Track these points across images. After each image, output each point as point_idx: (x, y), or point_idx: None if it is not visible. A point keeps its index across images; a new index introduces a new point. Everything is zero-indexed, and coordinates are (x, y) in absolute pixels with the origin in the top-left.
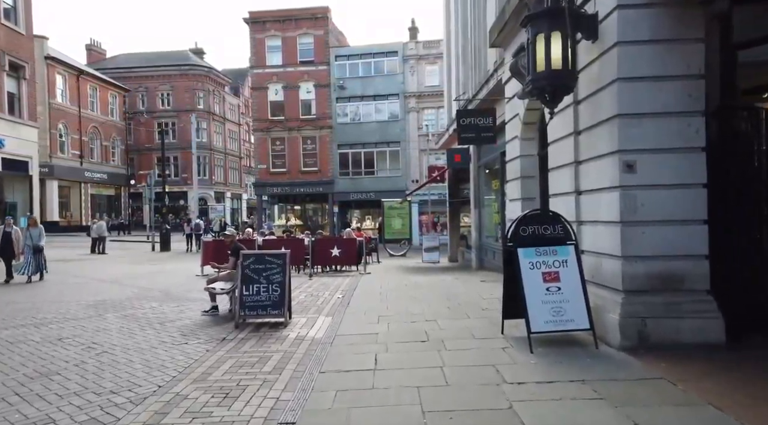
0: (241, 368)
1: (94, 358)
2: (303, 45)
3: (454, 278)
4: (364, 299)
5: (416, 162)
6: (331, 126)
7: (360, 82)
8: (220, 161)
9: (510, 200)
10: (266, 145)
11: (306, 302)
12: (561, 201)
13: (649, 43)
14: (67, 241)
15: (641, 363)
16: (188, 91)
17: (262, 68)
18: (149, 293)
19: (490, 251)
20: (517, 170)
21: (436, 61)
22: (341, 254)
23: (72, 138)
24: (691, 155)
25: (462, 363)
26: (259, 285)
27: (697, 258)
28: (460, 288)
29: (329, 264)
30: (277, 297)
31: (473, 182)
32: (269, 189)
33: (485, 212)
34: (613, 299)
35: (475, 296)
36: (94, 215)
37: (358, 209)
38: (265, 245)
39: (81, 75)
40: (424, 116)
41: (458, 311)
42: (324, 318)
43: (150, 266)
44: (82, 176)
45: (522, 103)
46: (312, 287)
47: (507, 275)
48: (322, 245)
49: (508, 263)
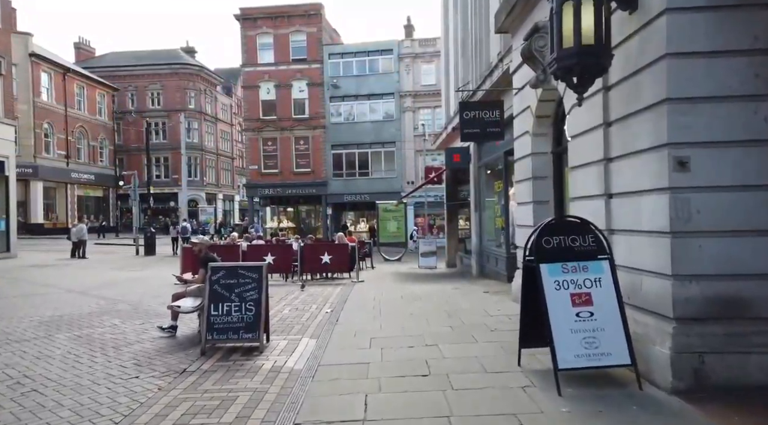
0: (197, 416)
1: (15, 401)
2: (296, 43)
3: (454, 288)
4: (355, 314)
5: (412, 163)
6: (325, 126)
7: (354, 81)
8: (212, 162)
9: (519, 204)
10: (257, 145)
11: (289, 319)
12: (585, 206)
13: (705, 10)
14: (49, 244)
15: (702, 414)
16: (179, 90)
17: (253, 66)
18: (116, 306)
19: (491, 258)
20: (527, 170)
21: (432, 60)
22: (332, 261)
23: (58, 138)
24: (757, 149)
25: (474, 409)
26: (231, 304)
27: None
28: (462, 301)
29: (320, 271)
30: (251, 318)
31: (473, 184)
32: (261, 191)
33: (486, 215)
34: (660, 328)
35: (480, 312)
36: (81, 218)
37: (353, 211)
38: (250, 252)
39: (67, 73)
40: (419, 115)
41: (463, 333)
42: (307, 341)
43: (129, 272)
44: (68, 177)
45: (534, 94)
46: (299, 299)
47: (525, 296)
48: (312, 251)
49: (528, 282)
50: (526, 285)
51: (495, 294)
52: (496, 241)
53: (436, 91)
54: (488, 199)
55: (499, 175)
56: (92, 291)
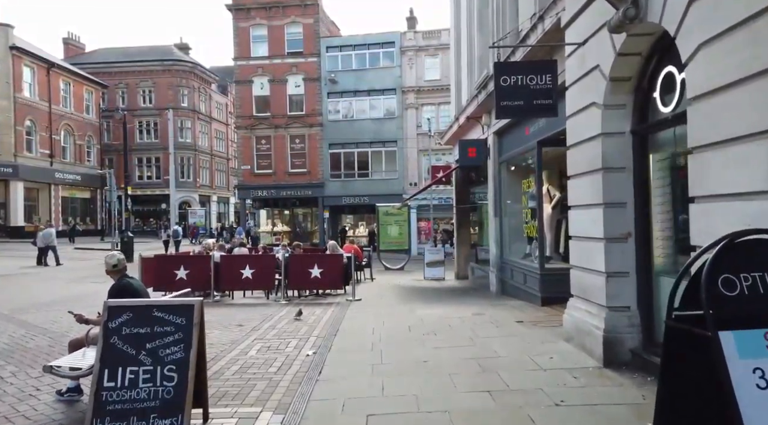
0: None
1: None
2: (291, 35)
3: (476, 313)
4: (346, 362)
5: (414, 164)
6: (322, 123)
7: (353, 76)
8: (206, 162)
9: (574, 208)
10: (250, 144)
11: (253, 368)
12: (730, 210)
13: None
14: (24, 249)
15: None
16: (171, 87)
17: (246, 60)
18: (30, 340)
19: (516, 272)
20: (592, 159)
21: (436, 53)
22: (323, 276)
23: (41, 136)
24: None
25: None
26: (138, 368)
27: None
28: (494, 341)
29: (308, 288)
30: (171, 392)
31: (493, 183)
32: (253, 192)
33: (509, 221)
34: None
35: (527, 364)
36: (66, 220)
37: (352, 215)
38: (225, 264)
39: (52, 68)
40: (423, 113)
41: (513, 410)
42: (268, 419)
43: (87, 284)
44: (52, 178)
45: (610, 44)
46: (277, 328)
47: (671, 384)
48: (299, 264)
49: (674, 357)
50: (672, 363)
51: (533, 326)
52: (522, 252)
53: (440, 87)
54: (511, 202)
55: (527, 172)
56: (19, 314)
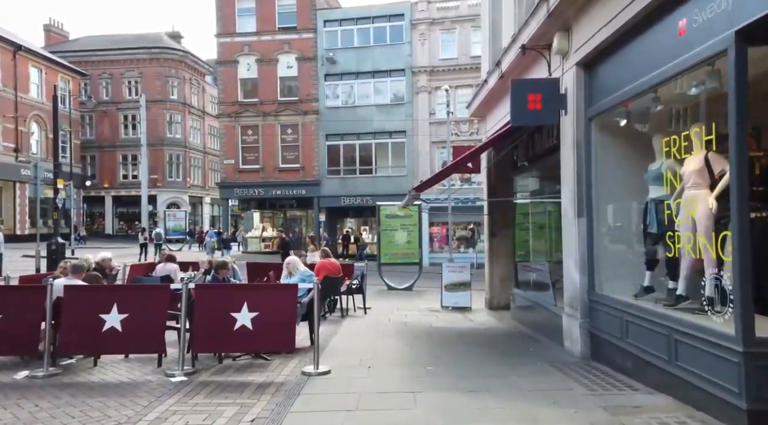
0: None
1: None
2: (283, 7)
3: None
4: None
5: (427, 158)
6: (318, 111)
7: (355, 55)
8: (198, 161)
9: None
10: (234, 134)
11: None
12: None
13: None
14: None
15: None
16: (159, 78)
17: (230, 37)
18: None
19: (641, 330)
20: None
21: (453, 27)
22: (258, 324)
23: (4, 127)
24: None
25: None
26: None
27: None
28: None
29: (233, 350)
30: None
31: (575, 156)
32: (238, 191)
33: (613, 226)
34: None
35: None
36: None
37: (354, 218)
38: (73, 303)
39: (19, 51)
40: (437, 97)
41: None
42: None
43: None
44: (17, 175)
45: None
46: None
47: None
48: (214, 302)
49: None
50: None
51: None
52: (640, 285)
53: (458, 67)
54: (618, 191)
55: (661, 124)
56: None
